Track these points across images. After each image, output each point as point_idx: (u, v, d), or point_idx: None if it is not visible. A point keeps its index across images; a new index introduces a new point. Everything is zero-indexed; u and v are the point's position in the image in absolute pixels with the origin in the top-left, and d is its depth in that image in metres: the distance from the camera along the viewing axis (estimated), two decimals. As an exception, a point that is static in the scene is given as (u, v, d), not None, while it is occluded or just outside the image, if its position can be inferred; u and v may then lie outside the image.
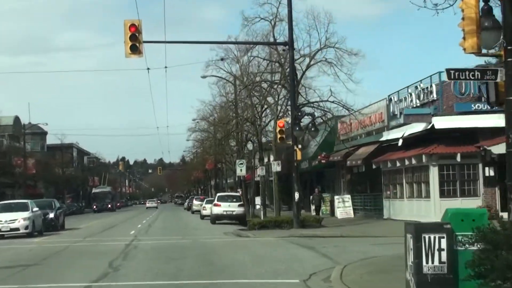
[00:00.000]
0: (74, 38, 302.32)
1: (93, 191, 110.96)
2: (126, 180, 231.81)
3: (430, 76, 33.56)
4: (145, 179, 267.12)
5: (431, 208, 32.43)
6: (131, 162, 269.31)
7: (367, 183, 44.59)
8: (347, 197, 44.93)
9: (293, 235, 27.85)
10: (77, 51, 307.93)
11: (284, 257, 18.94)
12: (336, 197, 45.60)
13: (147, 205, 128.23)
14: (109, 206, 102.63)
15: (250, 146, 59.37)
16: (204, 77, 52.22)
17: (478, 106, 31.75)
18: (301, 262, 17.51)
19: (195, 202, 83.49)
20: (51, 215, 39.65)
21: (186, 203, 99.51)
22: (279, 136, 33.39)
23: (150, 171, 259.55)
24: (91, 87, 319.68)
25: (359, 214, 43.79)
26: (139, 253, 21.33)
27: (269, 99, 45.24)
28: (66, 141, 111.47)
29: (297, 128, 31.50)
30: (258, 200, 57.70)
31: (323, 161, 48.14)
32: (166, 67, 37.71)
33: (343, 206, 44.58)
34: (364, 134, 43.43)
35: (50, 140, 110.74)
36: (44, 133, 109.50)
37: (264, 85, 42.95)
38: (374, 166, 39.43)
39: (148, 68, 36.63)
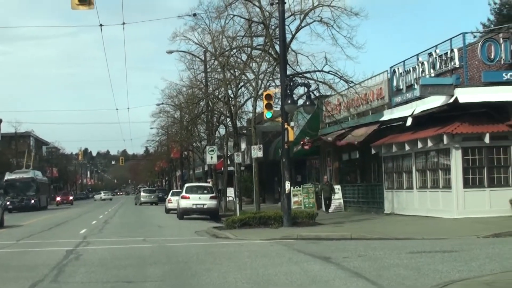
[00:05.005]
0: (35, 27, 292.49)
1: (5, 177, 66.88)
2: (88, 172, 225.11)
3: (450, 39, 27.35)
4: (109, 170, 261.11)
5: (452, 200, 26.35)
6: (94, 154, 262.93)
7: (359, 171, 38.44)
8: (337, 188, 38.80)
9: (288, 237, 21.51)
10: (38, 40, 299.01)
11: (297, 278, 12.53)
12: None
13: (103, 196, 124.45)
14: (33, 201, 64.17)
15: (222, 130, 53.03)
16: (170, 52, 45.61)
17: (511, 76, 25.80)
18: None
19: (143, 193, 77.93)
20: (-15, 211, 32.51)
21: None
22: (266, 111, 26.81)
23: (113, 162, 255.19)
24: (53, 77, 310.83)
25: (350, 208, 37.69)
26: (79, 270, 14.68)
27: (247, 74, 38.79)
28: (22, 130, 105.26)
29: (289, 101, 25.04)
30: (229, 191, 51.59)
31: (306, 147, 41.88)
32: (124, 23, 31.05)
33: (333, 198, 38.49)
34: (356, 115, 37.17)
35: (6, 129, 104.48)
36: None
37: (242, 56, 36.49)
38: (373, 151, 33.21)
39: (101, 25, 29.98)
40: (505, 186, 26.17)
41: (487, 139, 26.03)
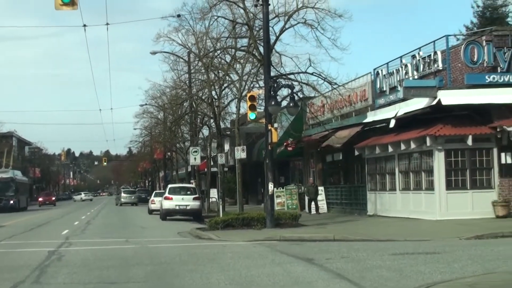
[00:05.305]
0: (19, 27, 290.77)
1: None
2: (71, 172, 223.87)
3: (434, 41, 27.51)
4: (91, 171, 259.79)
5: (435, 202, 26.47)
6: (77, 154, 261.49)
7: (343, 173, 38.52)
8: (320, 190, 38.85)
9: (271, 238, 21.53)
10: (22, 40, 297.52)
11: (280, 279, 12.53)
12: (308, 189, 39.38)
13: (83, 197, 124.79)
14: (12, 201, 61.81)
15: (205, 131, 53.04)
16: (154, 53, 45.58)
17: (494, 78, 26.04)
18: (312, 290, 11.21)
19: (123, 194, 78.64)
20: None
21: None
22: (250, 112, 26.80)
23: (96, 163, 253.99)
24: (36, 77, 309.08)
25: (334, 209, 37.76)
26: (61, 270, 14.59)
27: (231, 76, 38.84)
28: (5, 130, 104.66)
29: (273, 103, 25.06)
30: (212, 192, 51.60)
31: (289, 149, 41.89)
32: (107, 24, 30.91)
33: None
34: (339, 117, 37.31)
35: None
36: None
37: (226, 57, 36.50)
38: (356, 153, 33.29)
39: (84, 25, 29.90)
40: (487, 188, 26.32)
41: (469, 141, 26.16)
